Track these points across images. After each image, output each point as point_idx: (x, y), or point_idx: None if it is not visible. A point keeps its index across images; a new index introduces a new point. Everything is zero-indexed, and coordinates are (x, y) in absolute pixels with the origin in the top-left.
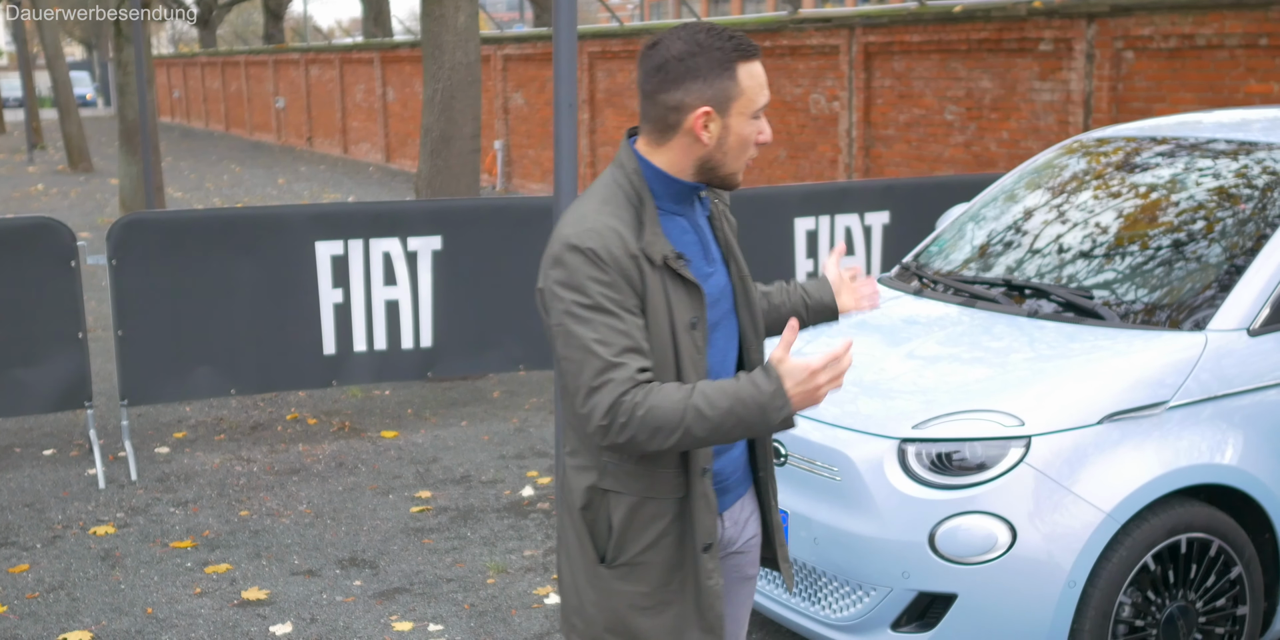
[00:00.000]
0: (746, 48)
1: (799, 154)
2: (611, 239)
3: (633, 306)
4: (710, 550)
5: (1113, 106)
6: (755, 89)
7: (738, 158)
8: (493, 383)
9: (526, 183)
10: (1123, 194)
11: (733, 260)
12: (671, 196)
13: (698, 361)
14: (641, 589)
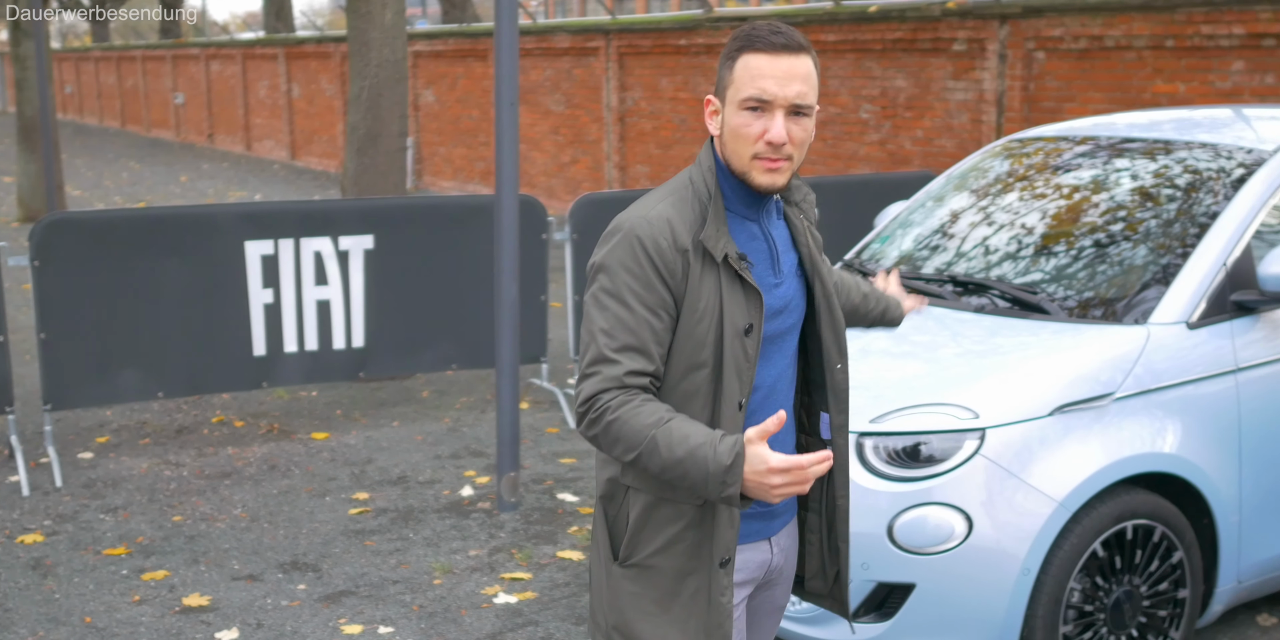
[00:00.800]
0: (754, 38)
1: None
2: (661, 230)
3: (657, 304)
4: (727, 566)
5: (1025, 106)
6: (744, 79)
7: (737, 153)
8: (421, 383)
9: (438, 181)
10: (1061, 192)
11: (816, 278)
12: (741, 199)
13: (744, 370)
14: (650, 593)
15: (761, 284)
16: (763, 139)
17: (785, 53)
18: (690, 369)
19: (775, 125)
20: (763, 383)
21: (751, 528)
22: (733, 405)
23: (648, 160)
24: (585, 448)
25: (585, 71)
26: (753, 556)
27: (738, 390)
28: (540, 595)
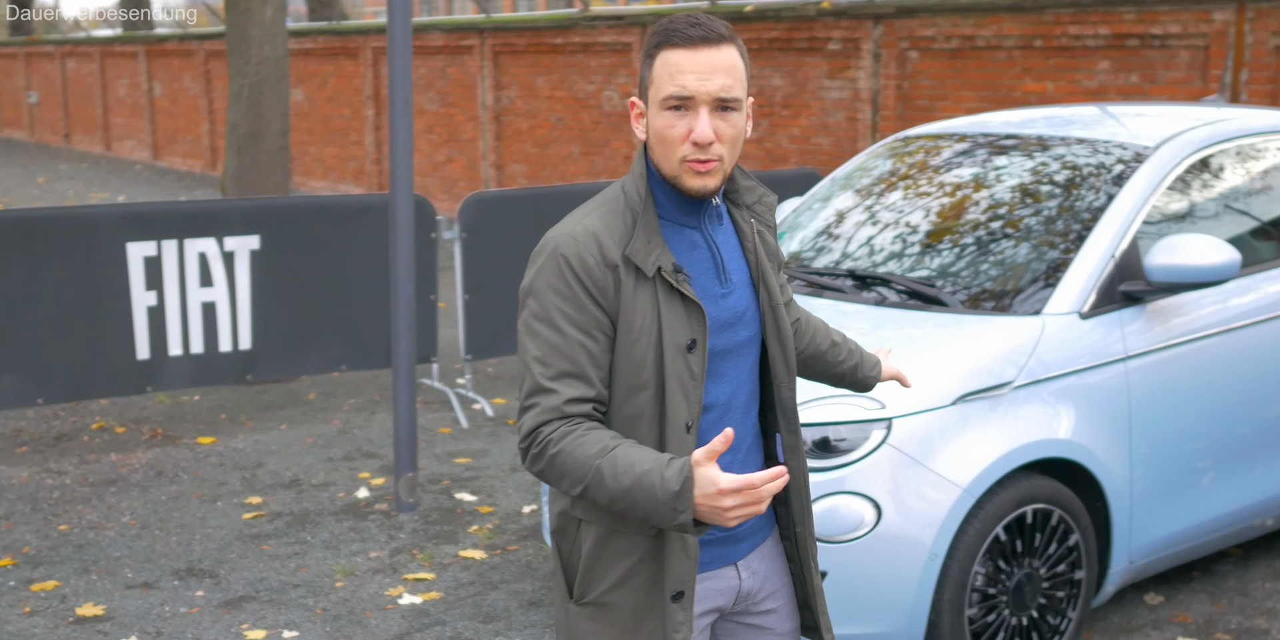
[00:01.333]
0: (670, 33)
1: (593, 150)
2: (587, 246)
3: (589, 325)
4: (682, 599)
5: (899, 104)
6: (666, 76)
7: (665, 157)
8: (307, 385)
9: (309, 181)
10: (950, 188)
11: (762, 286)
12: (677, 206)
13: (690, 388)
14: (608, 632)
15: (705, 295)
16: (688, 140)
17: (704, 45)
18: (632, 391)
19: (700, 124)
20: (716, 401)
21: (713, 554)
22: (679, 427)
23: (524, 159)
24: (480, 447)
25: (459, 70)
26: (715, 584)
27: (684, 411)
28: (446, 595)
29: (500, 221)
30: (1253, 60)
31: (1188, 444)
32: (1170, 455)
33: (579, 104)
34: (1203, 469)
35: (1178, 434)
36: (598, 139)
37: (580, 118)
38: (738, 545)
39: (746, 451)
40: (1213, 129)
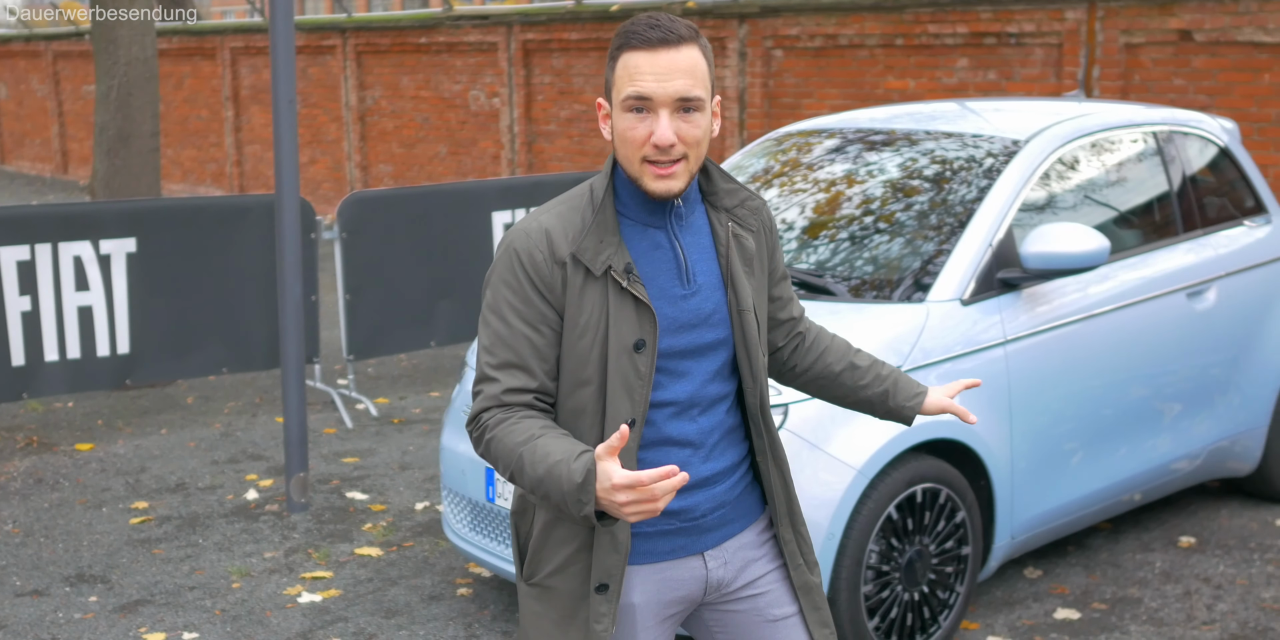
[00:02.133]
0: (629, 35)
1: (460, 150)
2: (538, 242)
3: (536, 319)
4: (606, 592)
5: (765, 102)
6: (623, 79)
7: (626, 158)
8: (184, 389)
9: (168, 183)
10: (831, 183)
11: (730, 288)
12: (641, 206)
13: (635, 387)
14: (549, 614)
15: (664, 296)
16: (649, 142)
17: (663, 47)
18: (576, 385)
19: (660, 126)
20: (676, 399)
21: (676, 543)
22: (618, 425)
23: (391, 159)
24: (367, 446)
25: (321, 70)
26: (678, 574)
27: (628, 409)
28: (345, 592)
29: (379, 221)
30: (1103, 57)
31: (1062, 424)
32: (1047, 435)
33: (445, 104)
34: (1075, 448)
35: (1053, 415)
36: (465, 139)
37: (447, 117)
38: (702, 536)
39: (713, 448)
40: (1077, 123)
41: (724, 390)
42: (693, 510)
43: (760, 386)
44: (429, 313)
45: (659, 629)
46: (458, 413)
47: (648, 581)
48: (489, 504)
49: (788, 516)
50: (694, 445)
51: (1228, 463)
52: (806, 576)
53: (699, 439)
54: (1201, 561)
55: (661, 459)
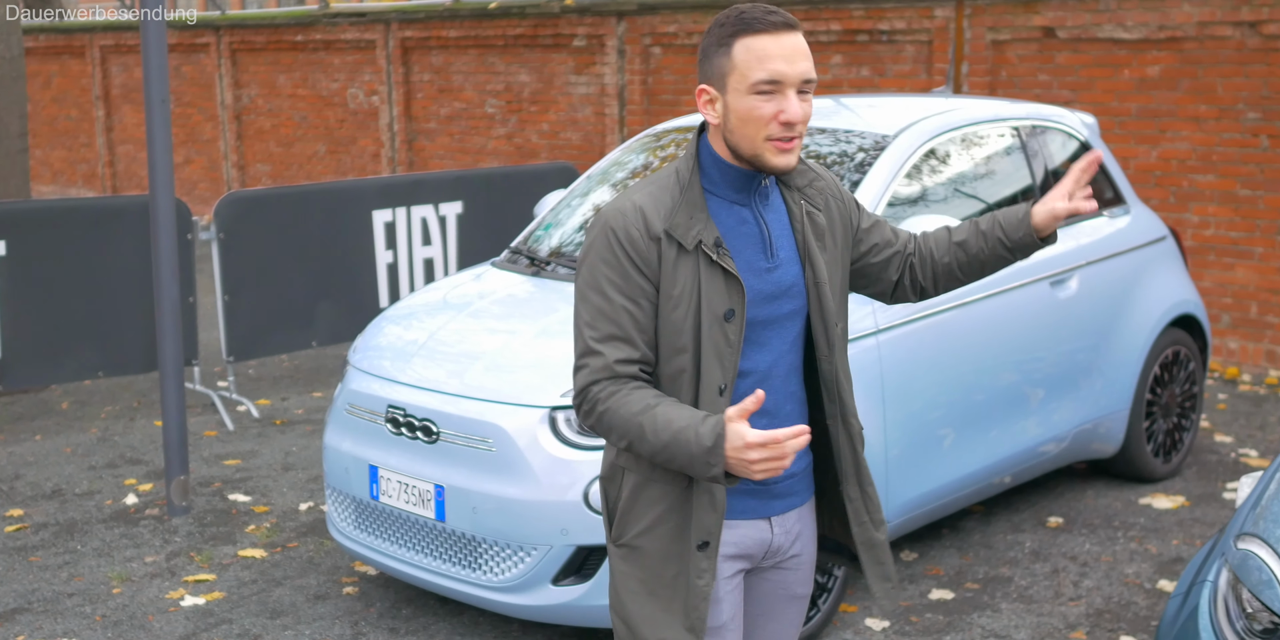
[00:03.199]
0: (750, 21)
1: (340, 148)
2: (634, 219)
3: (635, 292)
4: (707, 549)
5: (645, 98)
6: (750, 63)
7: (747, 137)
8: (58, 394)
9: (36, 185)
10: None
11: (808, 262)
12: (729, 183)
13: (726, 355)
14: (637, 574)
15: (750, 269)
16: (777, 120)
17: (786, 31)
18: (672, 353)
19: (791, 105)
20: (755, 368)
21: (747, 504)
22: (713, 390)
23: (269, 159)
24: (249, 448)
25: (195, 69)
26: (748, 533)
27: (719, 375)
28: (229, 594)
29: (257, 221)
30: (971, 54)
31: (934, 411)
32: (919, 421)
33: (323, 102)
34: (947, 434)
35: (925, 402)
36: (344, 137)
37: (325, 116)
38: (772, 501)
39: (785, 417)
40: (943, 119)
41: (796, 361)
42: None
43: (835, 355)
44: (309, 313)
45: (731, 583)
46: (340, 412)
47: (726, 535)
48: (373, 502)
49: (855, 476)
50: (769, 414)
51: (1092, 445)
52: (871, 533)
53: (773, 408)
54: (1069, 540)
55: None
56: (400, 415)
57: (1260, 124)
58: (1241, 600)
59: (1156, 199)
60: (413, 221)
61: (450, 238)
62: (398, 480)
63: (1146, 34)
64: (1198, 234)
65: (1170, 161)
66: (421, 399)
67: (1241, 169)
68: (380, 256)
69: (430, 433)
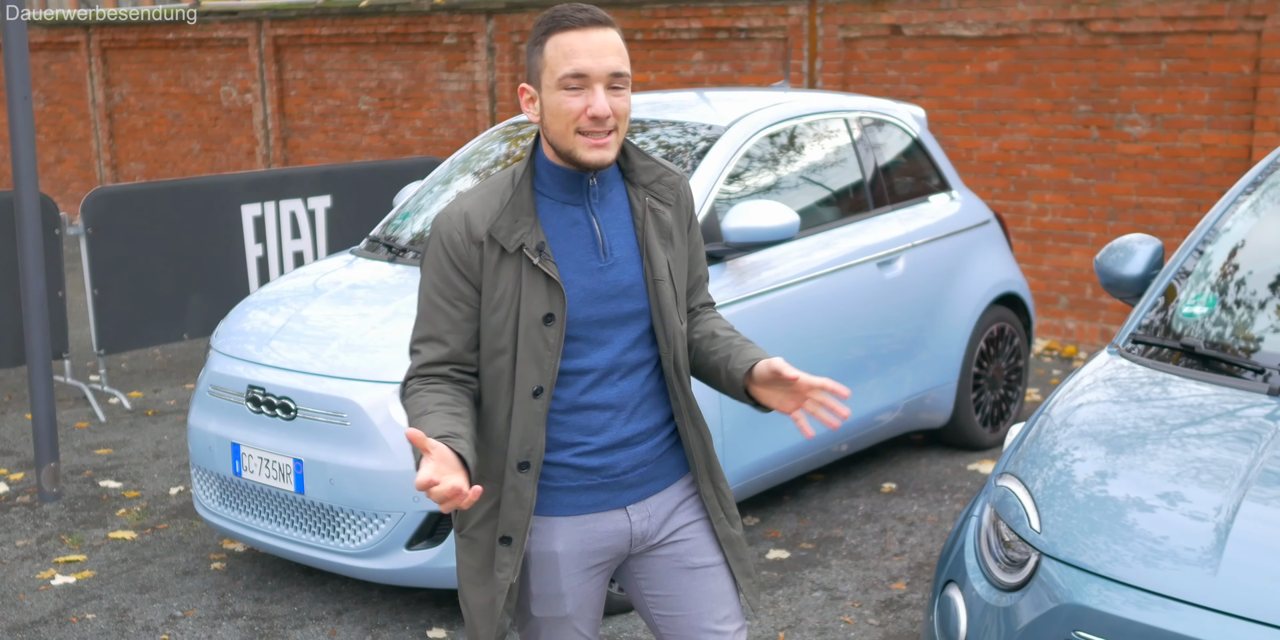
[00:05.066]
0: (560, 19)
1: (214, 146)
2: (457, 224)
3: (453, 297)
4: (509, 543)
5: (514, 95)
6: (557, 59)
7: (559, 133)
8: None
9: None
10: None
11: (646, 260)
12: (558, 184)
13: (545, 358)
14: (472, 563)
15: (581, 269)
16: (585, 114)
17: (594, 27)
18: (492, 355)
19: (597, 99)
20: (595, 366)
21: (597, 498)
22: (526, 392)
23: (142, 157)
24: (121, 438)
25: (65, 67)
26: (598, 526)
27: (536, 377)
28: (99, 573)
29: (125, 216)
30: (824, 51)
31: None
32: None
33: (196, 100)
34: None
35: None
36: (218, 135)
37: (199, 114)
38: (624, 491)
39: (633, 410)
40: (776, 110)
41: (645, 356)
42: (613, 467)
43: (675, 352)
44: (180, 306)
45: (583, 577)
46: (203, 394)
47: (571, 532)
48: (236, 478)
49: (707, 474)
50: (615, 408)
51: (923, 415)
52: (729, 529)
53: (620, 402)
54: (899, 503)
55: (583, 422)
56: (260, 394)
57: (1091, 116)
58: (1000, 532)
59: (998, 188)
60: (281, 215)
61: (319, 231)
62: (258, 456)
63: (985, 31)
64: (1036, 220)
65: (1010, 152)
66: (280, 378)
67: (1074, 159)
68: (250, 250)
69: (289, 410)
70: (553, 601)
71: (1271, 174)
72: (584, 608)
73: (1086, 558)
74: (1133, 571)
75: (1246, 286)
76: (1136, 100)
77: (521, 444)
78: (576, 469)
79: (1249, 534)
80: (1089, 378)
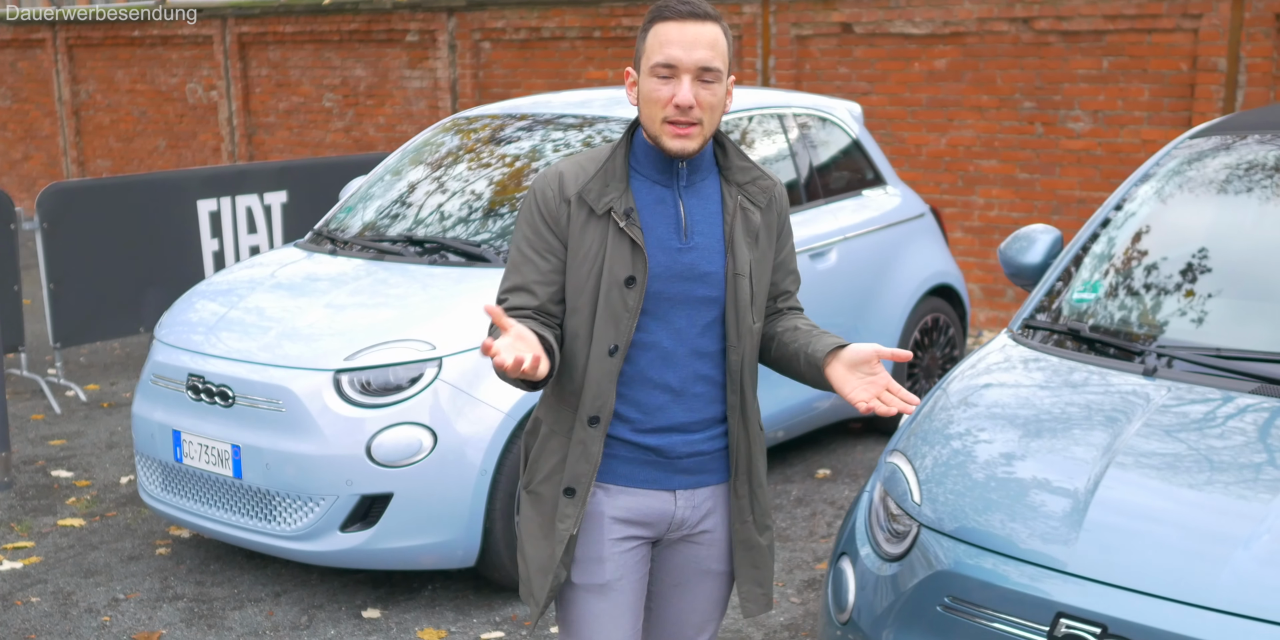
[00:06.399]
0: (663, 9)
1: (180, 143)
2: (552, 182)
3: (543, 249)
4: (573, 495)
5: (476, 92)
6: (654, 47)
7: (648, 118)
8: None
9: None
10: (495, 161)
11: (730, 253)
12: (651, 164)
13: (623, 318)
14: (536, 518)
15: (660, 245)
16: (671, 103)
17: (692, 20)
18: (574, 310)
19: (682, 89)
20: (657, 343)
21: (649, 474)
22: (603, 349)
23: (109, 154)
24: (75, 429)
25: (31, 64)
26: (648, 502)
27: (612, 335)
28: (46, 558)
29: (81, 211)
30: (778, 48)
31: None
32: None
33: (162, 97)
34: None
35: None
36: (184, 132)
37: (165, 111)
38: (675, 475)
39: (693, 398)
40: None
41: (712, 347)
42: (668, 450)
43: (744, 347)
44: (136, 300)
45: (624, 545)
46: (146, 383)
47: (619, 499)
48: (177, 464)
49: (746, 473)
50: (674, 391)
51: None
52: (753, 533)
53: (679, 386)
54: (831, 489)
55: (641, 397)
56: (200, 383)
57: (1035, 112)
58: (888, 507)
59: (946, 183)
60: (238, 210)
61: (275, 226)
62: (198, 443)
63: (933, 29)
64: (984, 215)
65: (958, 148)
66: (219, 367)
67: (1020, 154)
68: (206, 244)
69: (227, 397)
70: (594, 566)
71: (1164, 166)
72: (624, 579)
73: (959, 528)
74: (1000, 540)
75: (1131, 274)
76: (1079, 97)
77: (594, 399)
78: (633, 445)
79: (1109, 503)
80: (981, 361)
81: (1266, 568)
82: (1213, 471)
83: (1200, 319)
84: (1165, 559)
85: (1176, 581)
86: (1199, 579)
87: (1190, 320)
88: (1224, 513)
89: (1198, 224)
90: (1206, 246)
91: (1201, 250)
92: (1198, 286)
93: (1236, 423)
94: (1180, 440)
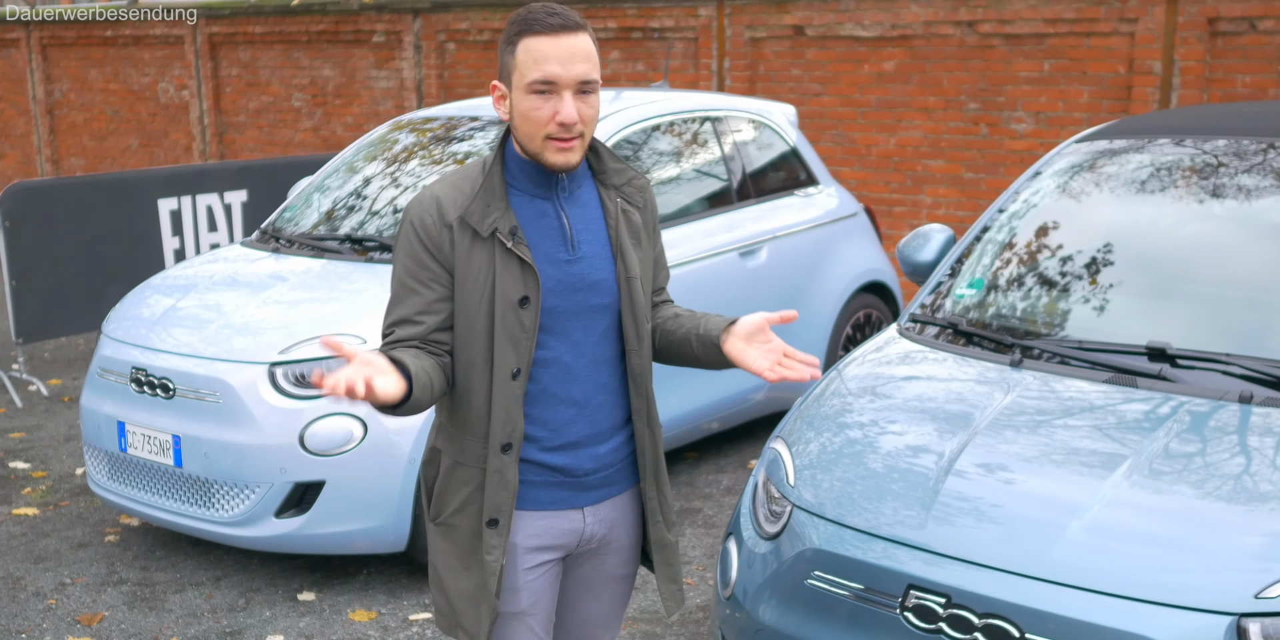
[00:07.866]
0: (532, 22)
1: (152, 142)
2: (429, 208)
3: (426, 278)
4: (496, 526)
5: (441, 92)
6: (528, 63)
7: (528, 135)
8: None
9: None
10: (443, 161)
11: (620, 258)
12: (528, 178)
13: (520, 340)
14: (453, 550)
15: (549, 259)
16: (554, 120)
17: (564, 32)
18: (467, 338)
19: (565, 106)
20: (558, 358)
21: (559, 496)
22: (505, 373)
23: (82, 153)
24: (35, 423)
25: (5, 63)
26: (558, 524)
27: (513, 359)
28: None
29: (43, 209)
30: (732, 50)
31: None
32: None
33: (135, 96)
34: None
35: None
36: (156, 131)
37: (137, 110)
38: (584, 493)
39: (597, 408)
40: (640, 110)
41: (610, 353)
42: (575, 469)
43: (644, 350)
44: (97, 296)
45: (536, 572)
46: (94, 376)
47: (530, 526)
48: (122, 454)
49: (653, 474)
50: (578, 405)
51: (790, 395)
52: (664, 533)
53: (582, 398)
54: None
55: (547, 415)
56: (143, 376)
57: (980, 114)
58: (769, 490)
59: (895, 182)
60: (198, 209)
61: (235, 224)
62: (142, 433)
63: (882, 32)
64: (931, 213)
65: (906, 148)
66: (160, 360)
67: (965, 154)
68: (167, 243)
69: (168, 390)
70: (510, 595)
71: (1050, 168)
72: (538, 604)
73: (826, 507)
74: (862, 518)
75: (1009, 271)
76: (1022, 98)
77: (504, 425)
78: (540, 466)
79: (959, 484)
80: (868, 354)
81: (1095, 538)
82: (1058, 454)
83: (1068, 313)
84: (1005, 534)
85: (1013, 555)
86: (1033, 552)
87: (1059, 315)
88: (1062, 490)
89: (1074, 224)
90: (1080, 246)
91: (1075, 249)
92: (1069, 283)
93: (1086, 409)
94: (1031, 426)
